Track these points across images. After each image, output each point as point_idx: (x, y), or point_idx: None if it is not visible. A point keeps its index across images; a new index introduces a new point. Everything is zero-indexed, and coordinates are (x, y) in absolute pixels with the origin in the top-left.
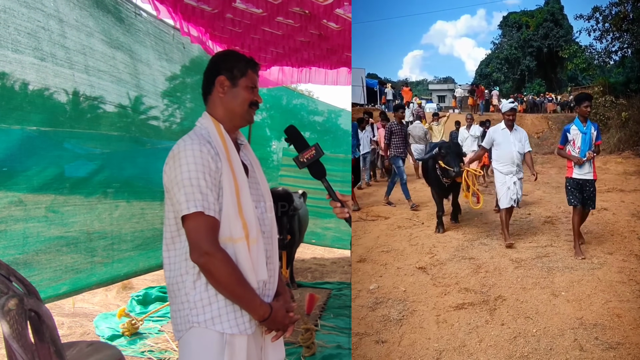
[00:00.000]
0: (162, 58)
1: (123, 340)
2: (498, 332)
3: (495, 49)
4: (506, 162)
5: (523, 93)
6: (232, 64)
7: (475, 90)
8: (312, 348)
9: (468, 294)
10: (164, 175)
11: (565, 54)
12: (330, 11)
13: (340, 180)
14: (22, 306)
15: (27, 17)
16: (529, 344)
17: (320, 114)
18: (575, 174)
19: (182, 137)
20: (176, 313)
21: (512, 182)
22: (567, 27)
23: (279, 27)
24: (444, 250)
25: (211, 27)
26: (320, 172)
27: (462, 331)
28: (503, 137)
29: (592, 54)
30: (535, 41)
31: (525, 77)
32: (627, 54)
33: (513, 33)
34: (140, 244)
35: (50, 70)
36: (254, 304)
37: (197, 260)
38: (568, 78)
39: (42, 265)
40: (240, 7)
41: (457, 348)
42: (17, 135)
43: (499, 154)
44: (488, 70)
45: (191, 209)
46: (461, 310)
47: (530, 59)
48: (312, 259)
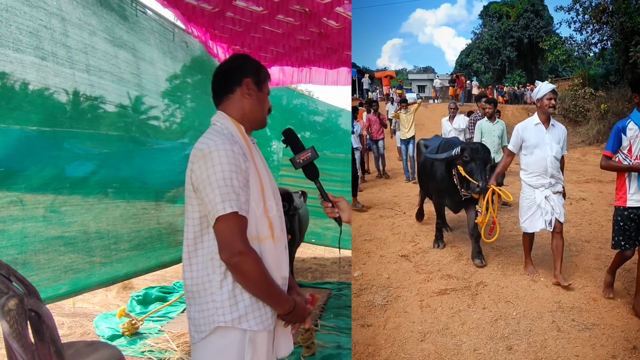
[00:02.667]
0: (166, 56)
1: (123, 340)
2: (480, 315)
3: (476, 39)
4: (537, 171)
5: (504, 84)
6: (257, 68)
7: (455, 80)
8: (312, 348)
9: (450, 280)
10: (192, 174)
11: (546, 45)
12: (331, 9)
13: (340, 180)
14: (22, 306)
15: (29, 15)
16: (509, 326)
17: (320, 114)
18: (633, 200)
19: (207, 136)
20: (199, 314)
21: (542, 197)
22: (547, 18)
23: (279, 25)
24: (426, 238)
25: (212, 26)
26: (314, 173)
27: (445, 315)
28: (537, 137)
29: (572, 46)
30: (516, 32)
31: (506, 67)
32: (607, 46)
33: (493, 23)
34: (140, 244)
35: (51, 69)
36: (281, 299)
37: (229, 260)
38: (548, 69)
39: (41, 265)
40: (240, 5)
41: (440, 330)
42: (16, 135)
43: (528, 161)
44: (468, 60)
45: (227, 210)
46: (444, 296)
47: (511, 49)
48: (312, 259)
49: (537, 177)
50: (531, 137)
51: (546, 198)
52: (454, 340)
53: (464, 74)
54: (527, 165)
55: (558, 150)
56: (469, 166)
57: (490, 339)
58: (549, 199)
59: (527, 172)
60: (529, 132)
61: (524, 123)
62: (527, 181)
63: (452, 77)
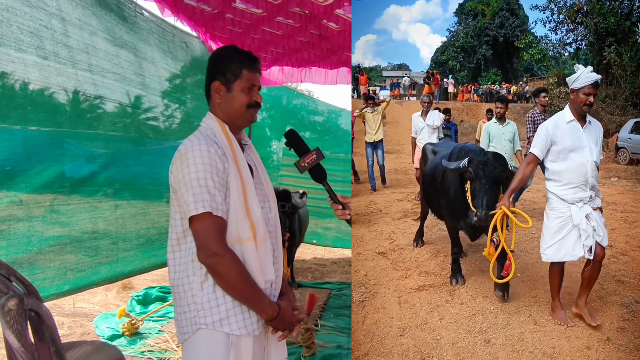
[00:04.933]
0: (167, 56)
1: (123, 340)
2: (458, 310)
3: (451, 37)
4: (574, 181)
5: (479, 82)
6: (224, 66)
7: (430, 77)
8: (312, 348)
9: (428, 276)
10: (171, 175)
11: (521, 44)
12: (331, 11)
13: (340, 180)
14: (22, 306)
15: (30, 15)
16: (487, 320)
17: (320, 114)
18: None
19: (188, 137)
20: (181, 315)
21: (581, 216)
22: (523, 17)
23: (279, 27)
24: (403, 236)
25: (211, 28)
26: (321, 175)
27: (424, 310)
28: (572, 138)
29: (547, 45)
30: (492, 30)
31: (482, 66)
32: (581, 46)
33: (469, 21)
34: (144, 243)
35: (53, 69)
36: (262, 303)
37: (205, 261)
38: (524, 68)
39: (44, 264)
40: (240, 7)
41: (419, 325)
42: (18, 135)
43: (561, 168)
44: (444, 58)
45: (199, 210)
46: (422, 292)
47: (487, 47)
48: (313, 259)
49: (574, 190)
50: (565, 138)
51: (587, 217)
52: (433, 335)
53: (439, 72)
54: (559, 174)
55: (598, 153)
56: (473, 185)
57: (469, 332)
58: (590, 218)
59: (559, 183)
60: (561, 132)
61: (553, 120)
62: (560, 194)
63: (427, 74)
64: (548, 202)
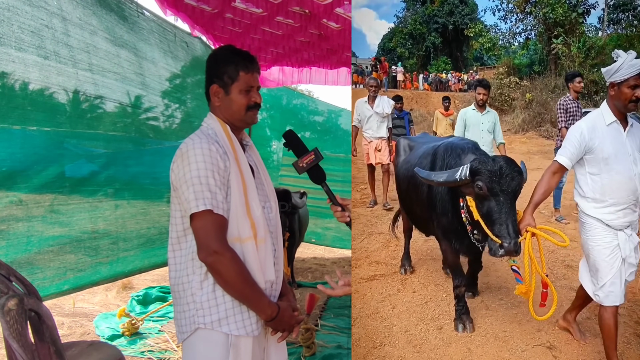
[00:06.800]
0: (167, 56)
1: (123, 340)
2: (410, 298)
3: (399, 23)
4: (621, 200)
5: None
6: (221, 69)
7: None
8: (312, 348)
9: (379, 266)
10: (172, 173)
11: (471, 33)
12: (330, 10)
13: (340, 180)
14: (22, 306)
15: (31, 15)
16: (439, 307)
17: (320, 114)
18: None
19: (190, 136)
20: (180, 314)
21: (631, 246)
22: (472, 5)
23: (279, 26)
24: (352, 226)
25: (211, 27)
26: (320, 176)
27: (375, 300)
28: (614, 144)
29: (497, 34)
30: (440, 17)
31: (431, 53)
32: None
33: (417, 7)
34: (144, 242)
35: (54, 68)
36: (261, 303)
37: (205, 259)
38: (474, 57)
39: (44, 264)
40: (240, 7)
41: (370, 315)
42: (18, 135)
43: (603, 184)
44: (391, 44)
45: (200, 207)
46: (373, 282)
47: (436, 35)
48: (312, 259)
49: (621, 212)
50: (605, 144)
51: (635, 250)
52: (385, 324)
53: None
54: (601, 191)
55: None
56: (486, 205)
57: (421, 320)
58: (637, 250)
59: (603, 204)
60: (600, 136)
61: (588, 121)
62: (603, 218)
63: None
64: (585, 230)
